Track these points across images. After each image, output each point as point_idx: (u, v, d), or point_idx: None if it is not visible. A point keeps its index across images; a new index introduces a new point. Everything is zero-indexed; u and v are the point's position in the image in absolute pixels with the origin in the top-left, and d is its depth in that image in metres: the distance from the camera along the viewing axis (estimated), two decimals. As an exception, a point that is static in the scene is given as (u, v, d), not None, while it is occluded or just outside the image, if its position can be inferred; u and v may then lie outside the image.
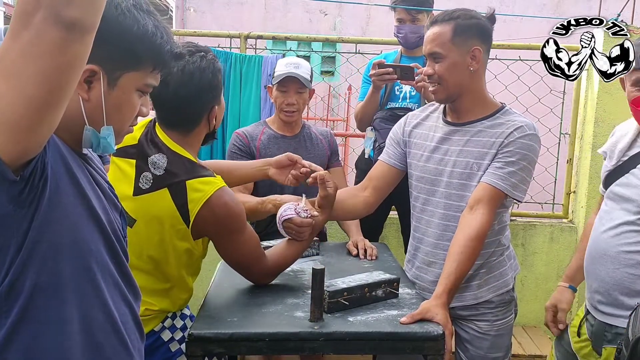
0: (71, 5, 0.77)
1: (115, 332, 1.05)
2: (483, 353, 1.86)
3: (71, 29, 0.78)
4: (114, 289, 1.06)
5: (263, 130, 2.45)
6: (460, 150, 1.81)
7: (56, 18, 0.77)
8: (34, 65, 0.78)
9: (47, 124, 0.83)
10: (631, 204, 1.66)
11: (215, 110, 1.61)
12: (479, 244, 1.69)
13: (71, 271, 0.97)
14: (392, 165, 1.99)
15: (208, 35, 3.61)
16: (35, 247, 0.92)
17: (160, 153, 1.53)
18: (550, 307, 1.94)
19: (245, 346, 1.42)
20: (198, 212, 1.49)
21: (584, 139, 3.35)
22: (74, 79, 0.84)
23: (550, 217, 3.55)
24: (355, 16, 9.28)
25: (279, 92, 2.38)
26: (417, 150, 1.92)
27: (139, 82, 1.05)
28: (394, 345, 1.44)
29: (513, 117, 1.80)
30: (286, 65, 2.36)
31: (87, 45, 0.82)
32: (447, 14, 1.78)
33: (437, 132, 1.88)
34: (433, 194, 1.86)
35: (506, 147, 1.74)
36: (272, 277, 1.73)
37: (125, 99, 1.04)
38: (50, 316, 0.95)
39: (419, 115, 1.99)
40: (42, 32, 0.77)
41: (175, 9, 10.03)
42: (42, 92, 0.80)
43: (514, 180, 1.73)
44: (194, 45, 1.60)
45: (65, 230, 0.95)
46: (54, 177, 0.92)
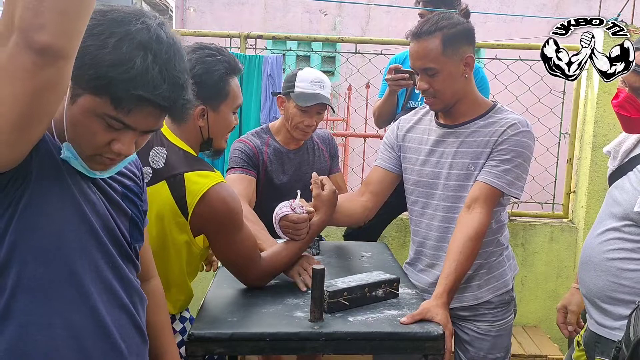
0: (42, 31, 0.76)
1: (106, 337, 1.04)
2: (483, 354, 1.86)
3: (43, 55, 0.77)
4: (107, 294, 1.05)
5: (268, 141, 2.35)
6: (455, 152, 1.81)
7: (28, 43, 0.76)
8: (6, 88, 0.78)
9: (22, 142, 0.84)
10: (619, 209, 1.63)
11: (204, 111, 1.56)
12: (478, 243, 1.69)
13: (54, 276, 0.97)
14: (388, 169, 1.98)
15: (208, 35, 3.61)
16: (15, 249, 0.93)
17: (161, 146, 1.53)
18: (561, 308, 1.91)
19: (245, 346, 1.42)
20: (196, 205, 1.48)
21: (584, 139, 3.35)
22: (50, 103, 0.82)
23: (550, 217, 3.55)
24: (355, 16, 9.28)
25: (299, 111, 2.23)
26: (412, 154, 1.91)
27: (97, 109, 0.95)
28: (394, 345, 1.44)
29: (505, 114, 1.80)
30: (312, 84, 2.22)
31: (62, 70, 0.81)
32: (429, 24, 1.73)
33: (430, 135, 1.88)
34: (431, 197, 1.86)
35: (500, 145, 1.74)
36: (266, 280, 1.71)
37: (82, 120, 0.96)
38: (32, 319, 0.95)
39: (411, 119, 1.98)
40: (15, 56, 0.76)
41: (175, 9, 10.04)
42: (14, 115, 0.79)
43: (509, 178, 1.73)
44: (217, 49, 1.61)
45: (49, 236, 0.95)
46: (38, 185, 0.93)
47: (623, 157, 1.72)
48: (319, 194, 1.77)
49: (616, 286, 1.60)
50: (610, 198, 1.70)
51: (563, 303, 1.92)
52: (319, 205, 1.78)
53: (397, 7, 7.17)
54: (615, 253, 1.61)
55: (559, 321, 1.92)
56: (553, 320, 3.39)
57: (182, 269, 1.58)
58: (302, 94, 2.22)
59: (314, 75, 2.26)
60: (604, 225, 1.67)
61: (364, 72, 3.78)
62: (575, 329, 1.88)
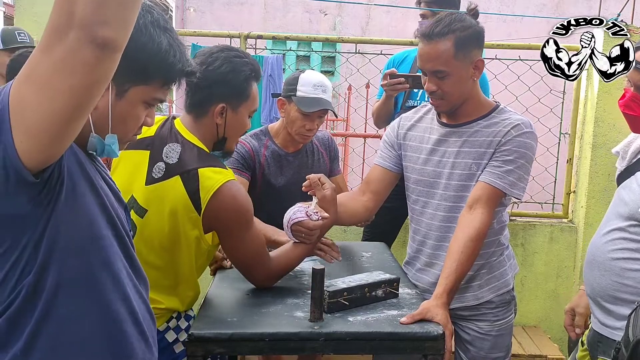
0: (107, 26, 0.78)
1: (136, 323, 1.08)
2: (484, 353, 1.86)
3: (105, 49, 0.79)
4: (130, 280, 1.08)
5: (266, 143, 2.33)
6: (458, 152, 1.80)
7: (91, 38, 0.78)
8: (65, 81, 0.80)
9: (70, 134, 0.86)
10: (625, 209, 1.63)
11: (224, 109, 1.60)
12: (479, 243, 1.69)
13: (92, 266, 1.00)
14: (388, 168, 1.97)
15: (208, 35, 3.61)
16: (54, 246, 0.94)
17: (175, 142, 1.56)
18: (569, 310, 1.90)
19: (245, 346, 1.42)
20: (209, 200, 1.49)
21: (584, 139, 3.35)
22: (100, 94, 0.86)
23: (550, 217, 3.55)
24: (355, 16, 9.27)
25: (301, 115, 2.21)
26: (414, 153, 1.90)
27: (146, 95, 1.07)
28: (394, 345, 1.44)
29: (508, 115, 1.80)
30: (314, 88, 2.21)
31: (116, 62, 0.84)
32: (442, 25, 1.69)
33: (432, 134, 1.87)
34: (432, 197, 1.85)
35: (504, 146, 1.74)
36: (274, 280, 1.71)
37: (131, 111, 1.06)
38: (71, 312, 0.98)
39: (413, 117, 1.97)
40: (76, 51, 0.78)
41: (175, 9, 10.02)
42: (69, 107, 0.82)
43: (511, 179, 1.73)
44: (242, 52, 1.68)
45: (84, 227, 0.98)
46: (70, 178, 0.95)
47: (632, 157, 1.71)
48: (324, 195, 1.72)
49: (619, 286, 1.60)
50: (618, 198, 1.70)
51: (571, 305, 1.90)
52: (326, 206, 1.74)
53: (397, 7, 7.17)
54: (620, 253, 1.61)
55: (566, 323, 1.90)
56: (553, 320, 3.42)
57: (191, 265, 1.60)
58: (304, 98, 2.20)
59: (317, 79, 2.24)
60: (610, 225, 1.67)
61: (364, 72, 3.77)
62: (583, 331, 1.86)
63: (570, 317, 1.90)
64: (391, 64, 2.93)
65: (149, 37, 1.03)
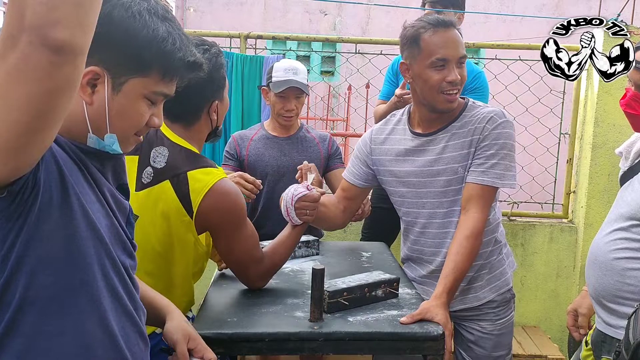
0: (60, 27, 0.71)
1: (115, 347, 1.01)
2: (487, 353, 1.86)
3: (60, 53, 0.72)
4: (114, 301, 1.02)
5: (257, 131, 2.55)
6: (439, 159, 1.79)
7: (43, 41, 0.71)
8: (20, 89, 0.73)
9: (38, 145, 0.80)
10: (627, 209, 1.63)
11: (216, 105, 1.60)
12: (475, 241, 1.69)
13: (64, 284, 0.94)
14: (356, 184, 1.97)
15: (208, 35, 3.59)
16: (23, 261, 0.89)
17: (162, 146, 1.53)
18: (572, 311, 1.89)
19: (245, 346, 1.42)
20: (201, 202, 1.48)
21: (584, 139, 3.35)
22: (65, 103, 0.78)
23: (550, 217, 3.55)
24: (355, 16, 9.27)
25: (278, 98, 2.43)
26: (393, 167, 1.87)
27: (146, 89, 0.99)
28: (394, 345, 1.44)
29: (478, 110, 1.79)
30: (285, 72, 2.40)
31: (79, 67, 0.77)
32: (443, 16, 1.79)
33: (408, 147, 1.85)
34: (422, 207, 1.84)
35: (482, 142, 1.74)
36: (267, 279, 1.70)
37: (130, 106, 0.99)
38: (40, 330, 0.92)
39: (384, 129, 1.94)
40: (28, 56, 0.71)
41: (175, 9, 10.02)
42: (28, 118, 0.75)
43: (498, 171, 1.72)
44: (199, 39, 1.61)
45: (58, 243, 0.92)
46: (46, 191, 0.89)
47: (635, 157, 1.71)
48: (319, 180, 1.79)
49: (621, 285, 1.60)
50: (620, 198, 1.70)
51: (573, 306, 1.90)
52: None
53: (397, 7, 7.17)
54: (621, 252, 1.61)
55: (569, 324, 1.90)
56: (553, 321, 3.42)
57: (187, 270, 1.57)
58: (277, 82, 2.40)
59: (288, 64, 2.46)
60: (612, 225, 1.67)
61: (364, 72, 3.78)
62: (586, 331, 1.86)
63: (572, 318, 1.89)
64: (396, 63, 2.92)
65: (143, 23, 0.96)
